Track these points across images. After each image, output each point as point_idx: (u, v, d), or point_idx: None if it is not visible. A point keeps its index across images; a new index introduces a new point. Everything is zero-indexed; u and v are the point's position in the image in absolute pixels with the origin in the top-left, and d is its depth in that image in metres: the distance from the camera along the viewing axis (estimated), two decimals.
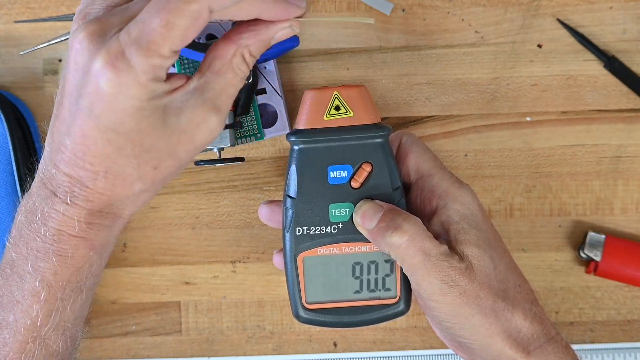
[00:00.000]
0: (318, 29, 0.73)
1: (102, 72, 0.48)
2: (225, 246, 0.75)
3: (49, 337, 0.55)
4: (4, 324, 0.54)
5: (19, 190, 0.69)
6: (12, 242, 0.55)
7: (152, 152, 0.51)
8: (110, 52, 0.48)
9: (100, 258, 0.56)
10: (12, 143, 0.69)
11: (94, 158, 0.50)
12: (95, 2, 0.52)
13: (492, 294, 0.58)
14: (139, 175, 0.52)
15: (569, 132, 0.74)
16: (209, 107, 0.52)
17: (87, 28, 0.49)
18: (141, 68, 0.48)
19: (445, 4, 0.73)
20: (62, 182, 0.52)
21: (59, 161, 0.52)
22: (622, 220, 0.75)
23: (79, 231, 0.53)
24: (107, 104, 0.48)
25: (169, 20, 0.47)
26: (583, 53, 0.73)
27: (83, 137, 0.50)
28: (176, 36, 0.48)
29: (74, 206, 0.52)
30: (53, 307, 0.54)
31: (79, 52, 0.49)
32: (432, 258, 0.57)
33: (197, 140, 0.52)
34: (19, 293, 0.54)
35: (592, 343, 0.76)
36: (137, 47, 0.47)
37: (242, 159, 0.71)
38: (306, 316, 0.62)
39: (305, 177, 0.61)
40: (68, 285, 0.54)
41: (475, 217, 0.60)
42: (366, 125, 0.60)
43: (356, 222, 0.60)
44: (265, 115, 0.71)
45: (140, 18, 0.48)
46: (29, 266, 0.53)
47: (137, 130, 0.50)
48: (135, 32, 0.48)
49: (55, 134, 0.52)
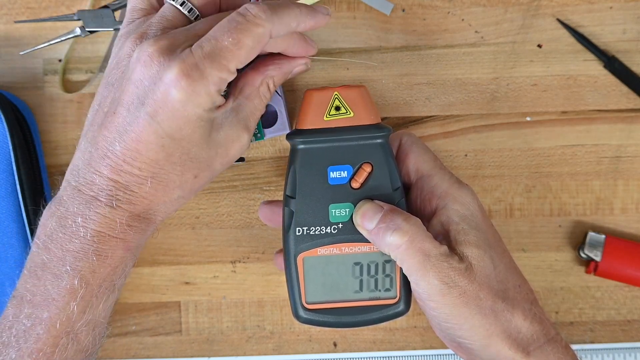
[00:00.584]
0: (318, 28, 0.73)
1: (177, 80, 0.52)
2: (225, 246, 0.75)
3: (81, 332, 0.57)
4: (37, 321, 0.56)
5: (19, 190, 0.69)
6: (41, 246, 0.57)
7: (195, 162, 0.56)
8: (186, 63, 0.52)
9: (133, 259, 0.59)
10: (12, 143, 0.69)
11: (143, 163, 0.55)
12: (150, 25, 0.57)
13: (491, 295, 0.58)
14: (181, 182, 0.57)
15: (569, 132, 0.74)
16: (242, 126, 0.58)
17: (157, 43, 0.54)
18: (212, 79, 0.53)
19: (445, 4, 0.73)
20: (105, 187, 0.55)
21: (102, 167, 0.55)
22: (622, 220, 0.75)
23: (118, 232, 0.56)
24: (173, 110, 0.53)
25: (240, 39, 0.53)
26: (583, 53, 0.73)
27: (138, 142, 0.54)
28: (243, 54, 0.54)
29: (117, 209, 0.56)
30: (88, 304, 0.57)
31: (148, 64, 0.53)
32: (432, 259, 0.57)
33: (231, 155, 0.58)
34: (55, 291, 0.56)
35: (592, 343, 0.76)
36: (210, 61, 0.53)
37: (242, 159, 0.71)
38: (306, 316, 0.62)
39: (305, 178, 0.61)
40: (103, 284, 0.57)
41: (475, 218, 0.60)
42: (366, 126, 0.60)
43: (356, 223, 0.60)
44: (265, 115, 0.71)
45: (212, 35, 0.54)
46: (67, 266, 0.56)
47: (189, 139, 0.55)
48: (208, 47, 0.53)
49: (100, 142, 0.55)
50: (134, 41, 0.56)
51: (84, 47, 0.74)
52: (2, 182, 0.69)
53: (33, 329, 0.56)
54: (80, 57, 0.74)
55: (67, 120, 0.74)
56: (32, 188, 0.70)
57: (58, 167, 0.74)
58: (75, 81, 0.74)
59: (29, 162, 0.71)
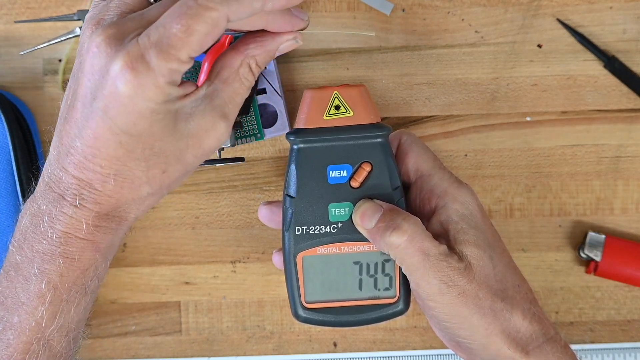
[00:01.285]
0: (318, 29, 0.73)
1: (121, 73, 0.49)
2: (225, 246, 0.75)
3: (52, 338, 0.55)
4: (7, 325, 0.55)
5: (19, 190, 0.69)
6: (16, 245, 0.55)
7: (161, 156, 0.53)
8: (130, 54, 0.49)
9: (105, 261, 0.57)
10: (12, 143, 0.69)
11: (104, 160, 0.52)
12: (109, 9, 0.53)
13: (491, 294, 0.58)
14: (148, 179, 0.53)
15: (569, 132, 0.74)
16: (217, 114, 0.53)
17: (105, 32, 0.50)
18: (160, 71, 0.49)
19: (445, 4, 0.73)
20: (70, 184, 0.53)
21: (67, 164, 0.53)
22: (622, 220, 0.75)
23: (86, 234, 0.54)
24: (123, 105, 0.49)
25: (190, 25, 0.49)
26: (583, 53, 0.73)
27: (95, 139, 0.51)
28: (195, 42, 0.49)
29: (82, 209, 0.53)
30: (58, 308, 0.55)
31: (96, 55, 0.50)
32: (431, 258, 0.57)
33: (205, 146, 0.54)
34: (24, 295, 0.54)
35: (592, 343, 0.76)
36: (157, 51, 0.49)
37: (242, 159, 0.71)
38: (305, 315, 0.62)
39: (305, 177, 0.61)
40: (73, 287, 0.55)
41: (475, 217, 0.60)
42: (366, 125, 0.60)
43: (355, 222, 0.60)
44: (265, 115, 0.71)
45: (160, 22, 0.49)
46: (34, 268, 0.54)
47: (149, 133, 0.51)
48: (155, 35, 0.49)
49: (64, 137, 0.53)
50: (91, 28, 0.52)
51: None
52: (2, 182, 0.69)
53: (4, 334, 0.55)
54: None
55: None
56: (32, 188, 0.70)
57: None
58: None
59: (29, 162, 0.71)
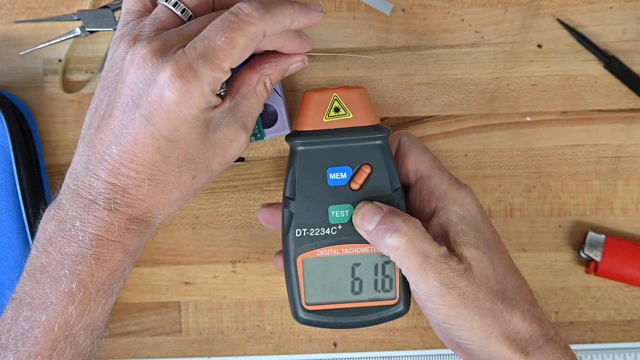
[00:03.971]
0: (318, 29, 0.73)
1: (170, 81, 0.52)
2: (225, 246, 0.75)
3: (79, 336, 0.57)
4: (35, 324, 0.56)
5: (19, 191, 0.69)
6: (40, 249, 0.57)
7: (192, 163, 0.56)
8: (179, 64, 0.52)
9: (132, 263, 0.59)
10: (12, 143, 0.69)
11: (140, 166, 0.55)
12: (144, 26, 0.57)
13: (490, 295, 0.58)
14: (179, 184, 0.57)
15: (569, 132, 0.74)
16: (240, 126, 0.58)
17: (150, 45, 0.54)
18: (206, 79, 0.53)
19: (445, 4, 0.73)
20: (103, 190, 0.55)
21: (100, 171, 0.55)
22: (622, 220, 0.75)
23: (117, 236, 0.56)
24: (168, 112, 0.53)
25: (233, 38, 0.53)
26: (583, 53, 0.73)
27: (134, 144, 0.54)
28: (236, 53, 0.54)
29: (115, 212, 0.56)
30: (86, 308, 0.56)
31: (141, 65, 0.53)
32: (430, 260, 0.57)
33: (229, 155, 0.58)
34: (53, 295, 0.56)
35: (592, 343, 0.76)
36: (204, 60, 0.53)
37: (242, 159, 0.71)
38: (306, 317, 0.62)
39: (305, 179, 0.61)
40: (102, 288, 0.57)
41: (474, 219, 0.60)
42: (365, 127, 0.60)
43: (355, 224, 0.60)
44: (265, 115, 0.71)
45: (204, 35, 0.54)
46: (65, 270, 0.55)
47: (186, 140, 0.55)
48: (201, 47, 0.53)
49: (97, 145, 0.55)
50: (128, 43, 0.56)
51: (84, 47, 0.74)
52: (2, 182, 0.69)
53: (31, 332, 0.56)
54: (80, 57, 0.74)
55: (67, 120, 0.74)
56: (32, 188, 0.70)
57: (58, 167, 0.74)
58: (75, 81, 0.74)
59: (29, 162, 0.71)
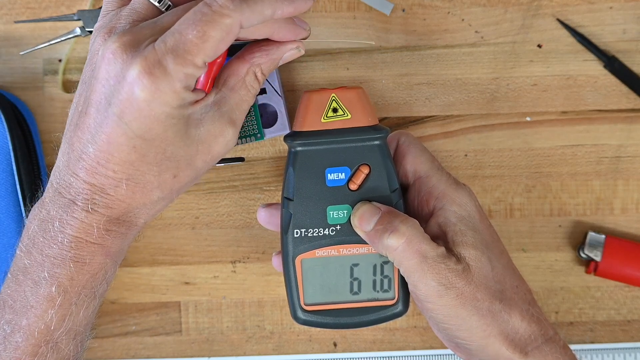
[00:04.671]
0: (318, 29, 0.73)
1: (139, 78, 0.50)
2: (225, 246, 0.75)
3: (61, 341, 0.56)
4: (16, 328, 0.55)
5: (19, 190, 0.69)
6: (24, 250, 0.56)
7: (172, 161, 0.54)
8: (148, 60, 0.50)
9: (114, 265, 0.58)
10: (12, 143, 0.69)
11: (117, 165, 0.53)
12: (120, 18, 0.54)
13: (489, 295, 0.58)
14: (159, 183, 0.54)
15: (569, 132, 0.74)
16: (225, 121, 0.55)
17: (120, 39, 0.52)
18: (177, 76, 0.50)
19: (445, 4, 0.73)
20: (81, 190, 0.54)
21: (79, 170, 0.53)
22: (622, 220, 0.75)
23: (96, 238, 0.55)
24: (139, 110, 0.51)
25: (205, 32, 0.50)
26: (583, 53, 0.73)
27: (109, 144, 0.52)
28: (209, 47, 0.51)
29: (93, 213, 0.54)
30: (67, 312, 0.55)
31: (112, 61, 0.51)
32: (429, 260, 0.57)
33: (214, 151, 0.56)
34: (34, 298, 0.55)
35: (592, 343, 0.76)
36: (174, 56, 0.50)
37: (242, 159, 0.71)
38: (304, 317, 0.62)
39: (303, 179, 0.61)
40: (83, 291, 0.56)
41: (473, 219, 0.60)
42: (364, 128, 0.60)
43: (354, 224, 0.60)
44: (265, 115, 0.71)
45: (176, 29, 0.51)
46: (44, 272, 0.54)
47: (162, 138, 0.52)
48: (171, 41, 0.50)
49: (75, 144, 0.54)
50: (103, 36, 0.54)
51: (84, 47, 0.74)
52: (2, 182, 0.69)
53: (12, 337, 0.55)
54: (80, 57, 0.74)
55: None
56: (32, 188, 0.70)
57: None
58: (75, 81, 0.74)
59: (29, 162, 0.71)
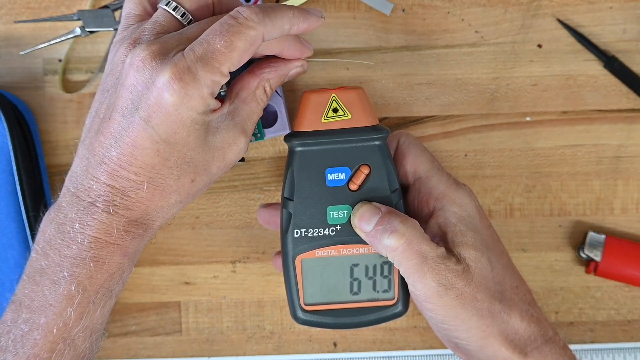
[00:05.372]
0: (319, 29, 0.73)
1: (169, 84, 0.53)
2: (225, 246, 0.75)
3: (78, 338, 0.57)
4: (34, 326, 0.56)
5: (19, 191, 0.69)
6: (40, 252, 0.57)
7: (191, 166, 0.57)
8: (178, 67, 0.53)
9: (130, 265, 0.59)
10: (12, 143, 0.69)
11: (139, 168, 0.55)
12: (144, 30, 0.57)
13: (489, 296, 0.58)
14: (177, 187, 0.57)
15: (569, 132, 0.74)
16: (239, 130, 0.58)
17: (149, 48, 0.54)
18: (205, 82, 0.53)
19: (445, 4, 0.73)
20: (102, 192, 0.55)
21: (100, 173, 0.55)
22: (622, 220, 0.75)
23: (116, 238, 0.56)
24: (167, 114, 0.53)
25: (232, 42, 0.54)
26: (583, 53, 0.73)
27: (133, 147, 0.54)
28: (235, 57, 0.54)
29: (114, 215, 0.56)
30: (85, 310, 0.57)
31: (141, 69, 0.54)
32: (428, 261, 0.57)
33: (228, 159, 0.58)
34: (53, 297, 0.56)
35: (592, 343, 0.76)
36: (203, 64, 0.53)
37: (242, 159, 0.71)
38: (304, 317, 0.62)
39: (303, 180, 0.61)
40: (101, 290, 0.57)
41: (473, 219, 0.60)
42: (364, 128, 0.60)
43: (354, 225, 0.60)
44: (265, 115, 0.71)
45: (204, 38, 0.54)
46: (64, 272, 0.56)
47: (185, 143, 0.55)
48: (200, 50, 0.53)
49: (97, 148, 0.56)
50: (128, 46, 0.56)
51: (84, 47, 0.74)
52: (2, 182, 0.69)
53: (30, 334, 0.56)
54: (80, 57, 0.74)
55: (67, 120, 0.74)
56: (32, 188, 0.70)
57: (58, 167, 0.74)
58: (75, 81, 0.74)
59: (29, 162, 0.71)
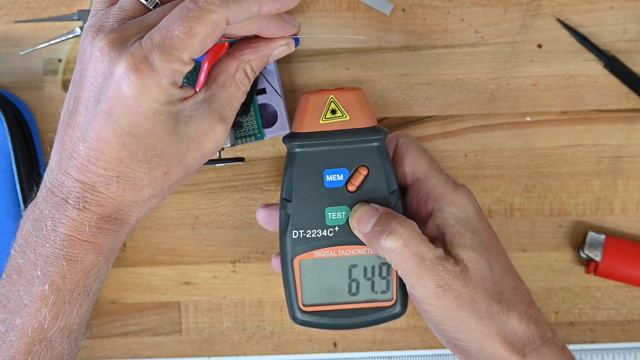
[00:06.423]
0: (318, 29, 0.73)
1: (126, 75, 0.50)
2: (225, 246, 0.75)
3: (54, 340, 0.56)
4: (10, 327, 0.55)
5: (19, 190, 0.69)
6: (18, 249, 0.56)
7: (162, 158, 0.54)
8: (134, 56, 0.50)
9: (107, 263, 0.57)
10: (12, 143, 0.70)
11: (107, 163, 0.53)
12: (108, 16, 0.54)
13: (487, 297, 0.58)
14: (149, 180, 0.54)
15: (569, 132, 0.74)
16: (216, 117, 0.55)
17: (107, 37, 0.52)
18: (163, 72, 0.50)
19: (445, 4, 0.73)
20: (73, 188, 0.54)
21: (70, 168, 0.53)
22: (622, 220, 0.75)
23: (88, 236, 0.54)
24: (127, 107, 0.51)
25: (192, 27, 0.50)
26: (583, 53, 0.73)
27: (98, 141, 0.52)
28: (196, 43, 0.51)
29: (85, 211, 0.54)
30: (60, 310, 0.55)
31: (99, 59, 0.51)
32: (426, 262, 0.57)
33: (205, 148, 0.55)
34: (27, 297, 0.55)
35: (592, 343, 0.76)
36: (160, 52, 0.50)
37: (242, 159, 0.71)
38: (303, 318, 0.62)
39: (302, 181, 0.61)
40: (76, 290, 0.56)
41: (471, 220, 0.60)
42: (362, 129, 0.60)
43: (352, 226, 0.60)
44: (265, 115, 0.71)
45: (162, 25, 0.51)
46: (37, 271, 0.54)
47: (152, 135, 0.52)
48: (158, 37, 0.50)
49: (66, 142, 0.54)
50: (92, 34, 0.54)
51: None
52: (2, 182, 0.69)
53: (7, 336, 0.55)
54: None
55: None
56: (32, 188, 0.70)
57: None
58: None
59: (29, 162, 0.71)
